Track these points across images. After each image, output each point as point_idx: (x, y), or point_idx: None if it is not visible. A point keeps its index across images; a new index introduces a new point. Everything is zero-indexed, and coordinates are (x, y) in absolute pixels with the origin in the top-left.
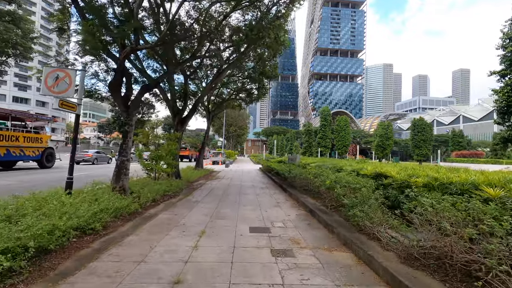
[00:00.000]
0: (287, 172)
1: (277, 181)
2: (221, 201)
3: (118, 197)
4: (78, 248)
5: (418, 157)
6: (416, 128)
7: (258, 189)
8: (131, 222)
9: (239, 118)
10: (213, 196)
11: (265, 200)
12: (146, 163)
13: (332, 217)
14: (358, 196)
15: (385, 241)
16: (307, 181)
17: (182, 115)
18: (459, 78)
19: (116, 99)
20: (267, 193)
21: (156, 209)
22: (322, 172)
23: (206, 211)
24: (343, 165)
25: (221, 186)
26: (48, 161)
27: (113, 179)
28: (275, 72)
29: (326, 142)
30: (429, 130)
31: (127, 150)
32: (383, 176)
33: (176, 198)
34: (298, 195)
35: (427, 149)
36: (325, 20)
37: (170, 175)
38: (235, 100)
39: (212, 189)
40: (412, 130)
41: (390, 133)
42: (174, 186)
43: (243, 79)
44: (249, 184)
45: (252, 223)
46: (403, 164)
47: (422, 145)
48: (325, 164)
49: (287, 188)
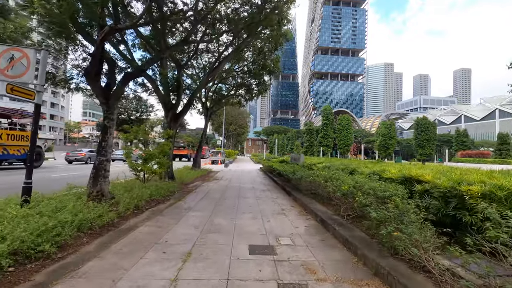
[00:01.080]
0: (291, 173)
1: (279, 183)
2: (216, 207)
3: (89, 205)
4: (11, 284)
5: (421, 157)
6: (420, 127)
7: (259, 191)
8: (101, 238)
9: (239, 117)
10: (208, 201)
11: (267, 206)
12: (134, 163)
13: (352, 232)
14: (390, 207)
15: (438, 275)
16: (315, 184)
17: (175, 110)
18: (460, 78)
19: (94, 89)
20: (269, 197)
21: (137, 218)
22: (334, 175)
23: (197, 221)
24: (357, 166)
25: (219, 188)
26: (34, 161)
27: (90, 183)
28: (276, 66)
29: (328, 141)
30: (433, 129)
31: (107, 149)
32: (414, 181)
33: (165, 204)
34: (305, 200)
35: (431, 149)
36: (326, 18)
37: (163, 176)
38: (234, 96)
39: (208, 192)
40: (416, 129)
41: (393, 132)
42: (165, 189)
43: (242, 74)
44: (249, 186)
45: (252, 238)
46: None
47: (426, 145)
48: (334, 165)
49: (291, 192)
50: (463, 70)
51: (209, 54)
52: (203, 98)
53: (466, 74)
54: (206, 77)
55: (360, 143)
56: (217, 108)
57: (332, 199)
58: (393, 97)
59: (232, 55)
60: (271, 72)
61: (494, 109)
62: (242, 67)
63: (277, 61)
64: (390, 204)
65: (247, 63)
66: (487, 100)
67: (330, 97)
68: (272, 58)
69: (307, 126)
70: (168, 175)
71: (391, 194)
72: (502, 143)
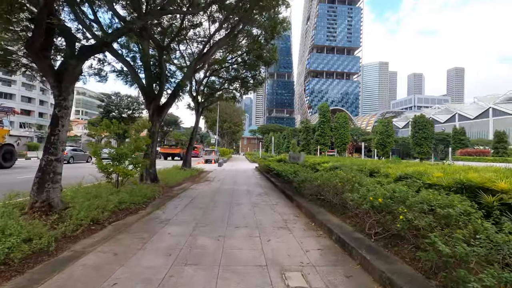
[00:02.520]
0: (292, 174)
1: (278, 185)
2: (202, 219)
3: (21, 223)
4: None
5: (419, 155)
6: (417, 125)
7: (255, 196)
8: (14, 281)
9: (234, 114)
10: (193, 210)
11: (265, 216)
12: (103, 164)
13: (392, 264)
14: (465, 234)
15: None
16: (326, 189)
17: (158, 101)
18: (453, 77)
19: (41, 67)
20: (267, 203)
21: (90, 239)
22: (353, 179)
23: (172, 242)
24: (376, 167)
25: (208, 192)
26: (5, 160)
27: (33, 190)
28: (274, 57)
29: (325, 139)
30: (430, 127)
31: (58, 145)
32: (478, 189)
33: (137, 214)
34: (311, 208)
35: (428, 147)
36: (322, 17)
37: (145, 177)
38: (228, 90)
39: (195, 197)
40: (413, 127)
41: (391, 130)
42: (142, 195)
43: (237, 65)
44: (244, 188)
45: (245, 276)
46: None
47: (423, 143)
48: (344, 165)
49: (292, 196)
50: (457, 69)
51: (197, 42)
52: (194, 92)
53: (460, 73)
54: (195, 63)
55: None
56: (209, 103)
57: (347, 208)
58: (388, 96)
59: (224, 40)
60: (268, 63)
61: (488, 108)
62: (236, 58)
63: (274, 51)
64: (463, 230)
65: (241, 53)
66: (481, 98)
67: (325, 95)
68: (269, 48)
69: (303, 124)
70: (150, 176)
71: (460, 213)
72: (499, 141)
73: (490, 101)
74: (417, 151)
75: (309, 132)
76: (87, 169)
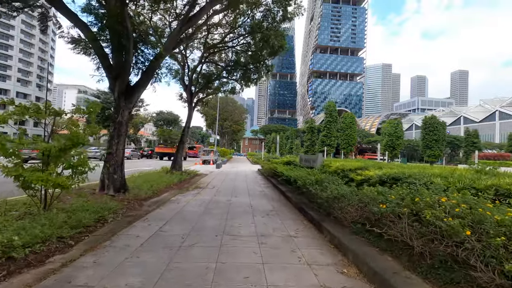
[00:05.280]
0: (313, 185)
1: (288, 196)
2: (162, 280)
3: None
4: None
5: (429, 158)
6: (428, 127)
7: (260, 216)
8: None
9: (235, 112)
10: (153, 254)
11: (285, 272)
12: (10, 168)
13: None
14: None
15: None
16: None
17: (125, 78)
18: (457, 80)
19: None
20: (282, 234)
21: None
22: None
23: None
24: (476, 178)
25: (194, 209)
26: None
27: None
28: (281, 42)
29: (331, 140)
30: (442, 129)
31: None
32: None
33: (36, 270)
34: (365, 251)
35: (439, 150)
36: (326, 17)
37: (107, 186)
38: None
39: (171, 219)
40: (423, 129)
41: (400, 131)
42: (77, 220)
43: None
44: (245, 201)
45: None
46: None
47: (434, 145)
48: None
49: (321, 222)
50: (461, 72)
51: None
52: (187, 81)
53: (463, 76)
54: (179, 28)
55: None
56: (204, 94)
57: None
58: (391, 98)
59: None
60: (274, 51)
61: (495, 111)
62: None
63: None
64: None
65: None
66: (487, 101)
67: (328, 96)
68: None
69: (308, 124)
70: (114, 184)
71: None
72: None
73: (496, 104)
74: (427, 154)
75: (314, 132)
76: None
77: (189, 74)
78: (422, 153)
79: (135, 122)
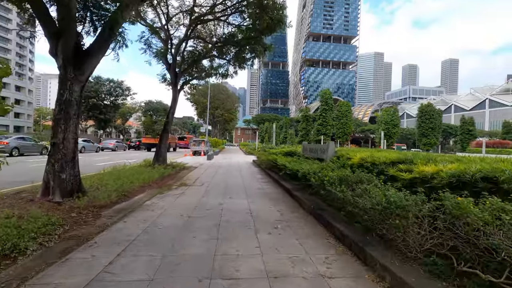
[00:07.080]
0: (333, 184)
1: (295, 195)
2: None
3: None
4: None
5: (425, 147)
6: (424, 115)
7: (266, 231)
8: None
9: (228, 100)
10: None
11: None
12: None
13: None
14: None
15: None
16: None
17: (72, 38)
18: (448, 68)
19: None
20: (303, 271)
21: None
22: None
23: None
24: None
25: (171, 222)
26: None
27: None
28: (279, 15)
29: (327, 129)
30: (438, 117)
31: None
32: None
33: None
34: None
35: (435, 138)
36: (318, 4)
37: (52, 189)
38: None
39: (134, 241)
40: (420, 117)
41: (397, 119)
42: None
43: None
44: (242, 205)
45: None
46: None
47: (430, 134)
48: (498, 171)
49: (363, 246)
50: (451, 61)
51: None
52: (170, 60)
53: (454, 65)
54: None
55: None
56: (190, 75)
57: None
58: (383, 87)
59: None
60: (272, 26)
61: (485, 99)
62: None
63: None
64: None
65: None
66: (477, 90)
67: (321, 85)
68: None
69: (303, 113)
70: (63, 186)
71: None
72: (507, 132)
73: (486, 92)
74: (423, 142)
75: (309, 121)
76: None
77: (172, 52)
78: (418, 141)
79: (123, 111)
